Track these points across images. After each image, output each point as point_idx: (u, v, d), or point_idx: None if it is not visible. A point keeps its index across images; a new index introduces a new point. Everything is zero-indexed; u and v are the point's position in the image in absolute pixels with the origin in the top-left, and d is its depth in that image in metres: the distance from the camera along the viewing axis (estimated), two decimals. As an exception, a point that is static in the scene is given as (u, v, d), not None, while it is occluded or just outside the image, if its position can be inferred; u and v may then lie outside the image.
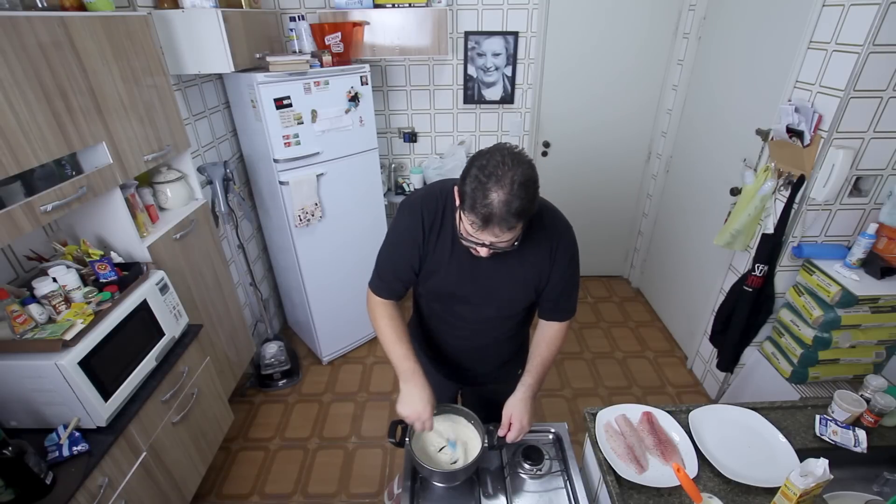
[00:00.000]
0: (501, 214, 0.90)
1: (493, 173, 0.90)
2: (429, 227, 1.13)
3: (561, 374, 2.71)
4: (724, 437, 1.23)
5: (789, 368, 1.95)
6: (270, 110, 2.03)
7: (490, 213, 0.90)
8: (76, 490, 1.21)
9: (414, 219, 1.13)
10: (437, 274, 1.17)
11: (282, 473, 2.15)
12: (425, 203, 1.14)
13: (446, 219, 1.12)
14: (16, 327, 1.24)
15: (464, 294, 1.19)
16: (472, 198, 0.91)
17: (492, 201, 0.89)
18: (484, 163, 0.92)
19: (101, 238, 1.63)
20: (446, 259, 1.14)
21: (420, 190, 1.21)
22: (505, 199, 0.89)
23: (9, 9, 1.20)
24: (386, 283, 1.23)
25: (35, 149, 1.18)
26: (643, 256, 3.40)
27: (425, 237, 1.13)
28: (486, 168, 0.91)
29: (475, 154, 0.96)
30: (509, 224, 0.92)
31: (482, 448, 1.16)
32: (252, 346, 2.50)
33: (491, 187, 0.89)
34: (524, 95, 2.87)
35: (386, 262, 1.22)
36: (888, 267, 1.76)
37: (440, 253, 1.14)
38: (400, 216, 1.17)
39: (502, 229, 0.93)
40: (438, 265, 1.15)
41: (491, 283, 1.16)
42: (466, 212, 0.95)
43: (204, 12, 1.81)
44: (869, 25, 1.53)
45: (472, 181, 0.92)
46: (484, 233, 0.95)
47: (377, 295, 1.25)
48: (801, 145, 1.77)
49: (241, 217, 2.39)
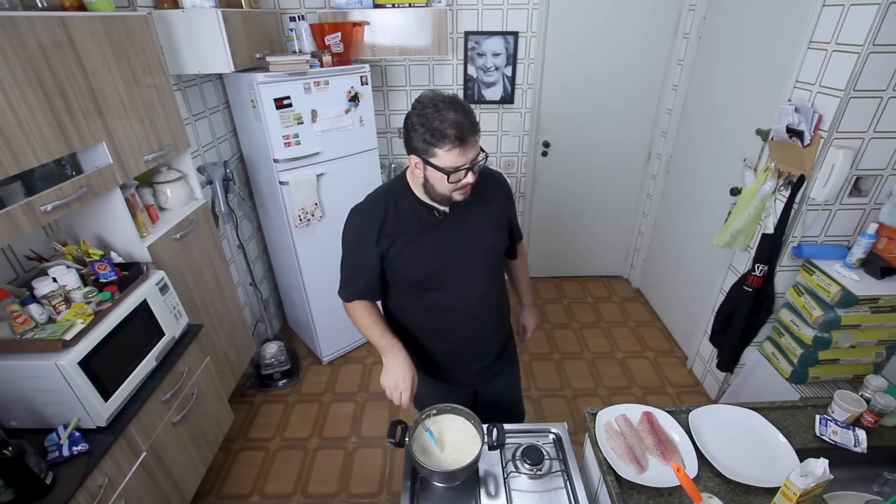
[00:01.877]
0: (468, 124, 1.03)
1: (434, 104, 1.02)
2: (380, 223, 1.19)
3: (561, 374, 2.71)
4: (724, 437, 1.23)
5: (789, 368, 1.95)
6: (270, 110, 2.03)
7: (460, 126, 1.01)
8: (76, 490, 1.21)
9: (363, 221, 1.22)
10: (411, 259, 1.21)
11: (282, 473, 2.15)
12: (372, 205, 1.23)
13: (399, 207, 1.20)
14: (16, 327, 1.25)
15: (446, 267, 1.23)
16: (437, 128, 1.01)
17: (454, 119, 1.01)
18: (421, 107, 1.04)
19: (101, 238, 1.63)
20: (417, 241, 1.20)
21: (365, 198, 1.27)
22: (462, 112, 1.02)
23: (9, 9, 1.20)
24: (351, 289, 1.31)
25: (35, 149, 1.18)
26: (643, 256, 3.40)
27: (380, 233, 1.19)
28: (426, 105, 1.03)
29: (406, 115, 1.08)
30: (476, 131, 1.05)
31: (482, 448, 1.16)
32: (252, 346, 2.50)
33: (444, 110, 1.01)
34: (524, 95, 2.88)
35: (346, 268, 1.30)
36: (888, 267, 1.76)
37: (405, 240, 1.20)
38: (349, 223, 1.25)
39: (475, 139, 1.05)
40: (408, 250, 1.20)
41: (468, 242, 1.24)
42: (439, 143, 1.03)
43: (204, 12, 1.81)
44: (869, 25, 1.52)
45: (422, 119, 1.03)
46: (465, 149, 1.04)
47: (346, 301, 1.33)
48: (801, 145, 1.77)
49: (241, 217, 2.39)
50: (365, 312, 1.30)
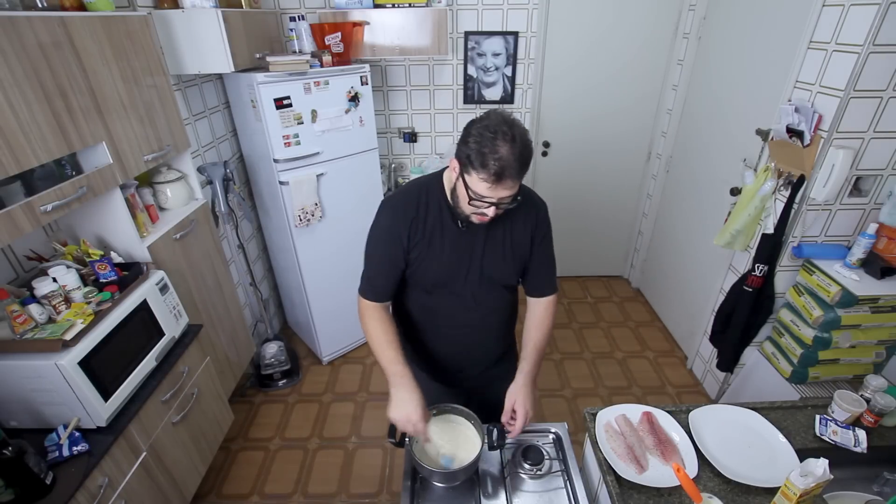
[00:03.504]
0: (512, 165, 0.97)
1: (497, 130, 0.97)
2: (411, 219, 1.17)
3: (561, 374, 2.71)
4: (724, 437, 1.23)
5: (789, 368, 1.95)
6: (270, 110, 2.03)
7: (503, 166, 0.97)
8: (76, 490, 1.21)
9: (396, 214, 1.18)
10: (427, 262, 1.20)
11: (282, 473, 2.15)
12: (405, 198, 1.19)
13: (430, 207, 1.17)
14: (16, 327, 1.25)
15: (454, 279, 1.22)
16: (482, 154, 0.97)
17: (502, 154, 0.96)
18: (486, 123, 0.98)
19: (101, 238, 1.63)
20: (437, 245, 1.18)
21: (398, 189, 1.25)
22: (514, 151, 0.97)
23: (9, 9, 1.20)
24: (373, 283, 1.25)
25: (35, 149, 1.18)
26: (643, 256, 3.40)
27: (410, 230, 1.17)
28: (490, 127, 0.97)
29: (471, 121, 1.03)
30: (520, 175, 1.00)
31: (482, 448, 1.16)
32: (252, 346, 2.50)
33: (499, 142, 0.96)
34: (524, 95, 2.87)
35: (371, 261, 1.25)
36: (888, 267, 1.76)
37: (427, 241, 1.18)
38: (380, 215, 1.21)
39: (514, 182, 1.00)
40: (427, 253, 1.19)
41: (483, 259, 1.20)
42: (476, 170, 0.99)
43: (204, 12, 1.81)
44: (869, 25, 1.52)
45: (477, 140, 0.98)
46: (497, 187, 1.00)
47: (366, 298, 1.27)
48: (801, 145, 1.77)
49: (241, 217, 2.39)
50: (380, 328, 1.23)
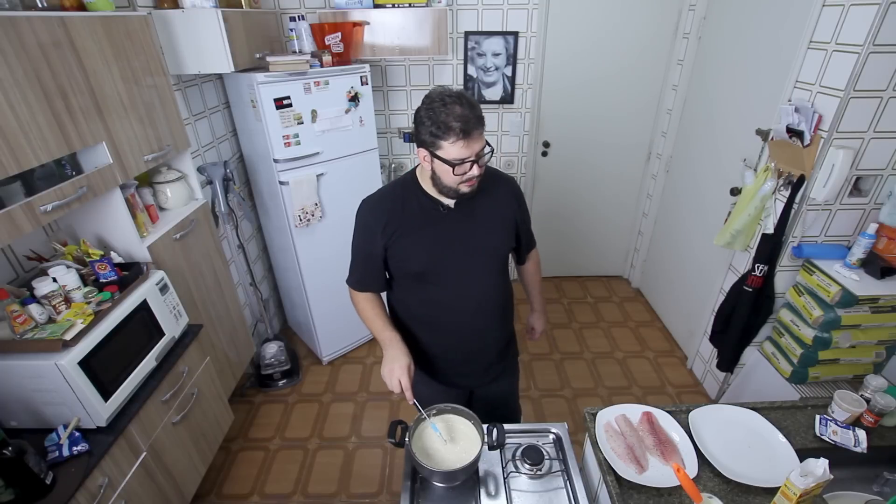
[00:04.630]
0: (473, 118, 1.06)
1: (442, 98, 1.06)
2: (387, 211, 1.24)
3: (561, 374, 2.71)
4: (724, 437, 1.23)
5: (789, 368, 1.95)
6: (270, 110, 2.03)
7: (465, 119, 1.05)
8: (76, 490, 1.21)
9: (370, 211, 1.27)
10: (410, 249, 1.24)
11: (282, 473, 2.15)
12: (381, 195, 1.29)
13: (407, 200, 1.24)
14: (16, 327, 1.25)
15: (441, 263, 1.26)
16: (443, 121, 1.05)
17: (459, 113, 1.05)
18: (430, 102, 1.08)
19: (101, 238, 1.63)
20: (418, 232, 1.23)
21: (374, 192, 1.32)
22: (468, 106, 1.06)
23: (9, 9, 1.20)
24: (356, 275, 1.35)
25: (35, 149, 1.18)
26: (643, 256, 3.40)
27: (386, 223, 1.23)
28: (435, 99, 1.07)
29: (416, 109, 1.12)
30: (481, 124, 1.09)
31: (482, 448, 1.16)
32: (252, 346, 2.50)
33: (450, 104, 1.05)
34: (524, 95, 2.87)
35: (354, 255, 1.34)
36: (888, 267, 1.76)
37: (407, 230, 1.23)
38: (358, 213, 1.30)
39: (480, 132, 1.09)
40: (409, 241, 1.24)
41: (475, 234, 1.26)
42: (444, 135, 1.07)
43: (204, 12, 1.81)
44: (869, 25, 1.52)
45: (430, 116, 1.07)
46: (470, 142, 1.08)
47: (353, 288, 1.38)
48: (801, 145, 1.77)
49: (241, 217, 2.39)
50: (369, 305, 1.35)
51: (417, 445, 1.19)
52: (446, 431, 1.21)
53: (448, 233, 1.25)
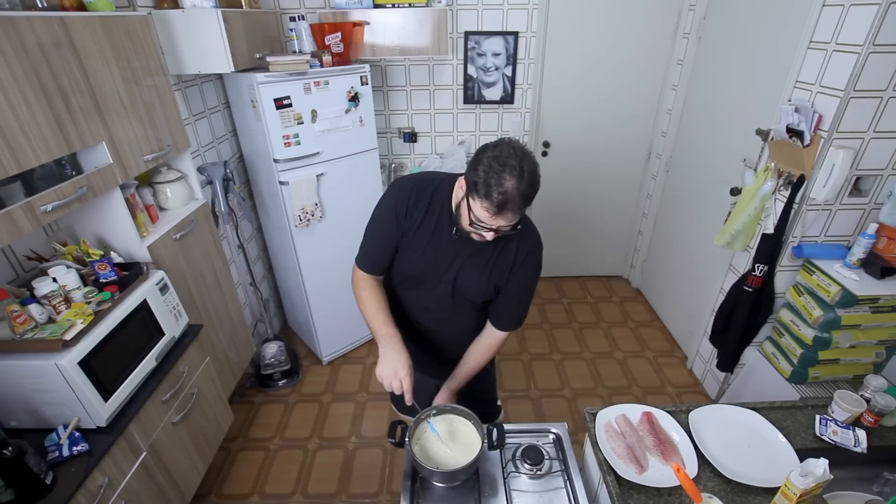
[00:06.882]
0: (515, 200, 1.00)
1: (506, 163, 0.99)
2: (413, 206, 1.21)
3: (561, 374, 2.71)
4: (724, 438, 1.23)
5: (789, 368, 1.95)
6: (270, 110, 2.03)
7: (506, 199, 0.99)
8: (76, 490, 1.21)
9: (402, 195, 1.22)
10: (407, 253, 1.24)
11: (282, 473, 2.15)
12: (418, 184, 1.23)
13: (433, 205, 1.21)
14: (16, 327, 1.24)
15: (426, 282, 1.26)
16: (487, 185, 0.99)
17: (507, 189, 0.98)
18: (496, 154, 1.00)
19: (101, 238, 1.63)
20: (423, 240, 1.22)
21: (415, 173, 1.28)
22: (519, 186, 0.99)
23: (9, 9, 1.20)
24: (370, 256, 1.31)
25: (35, 149, 1.18)
26: (643, 256, 3.40)
27: (407, 214, 1.21)
28: (500, 158, 0.99)
29: (483, 146, 1.05)
30: (524, 207, 1.02)
31: (482, 448, 1.16)
32: (252, 346, 2.50)
33: (506, 175, 0.98)
34: (524, 95, 2.87)
35: (372, 234, 1.30)
36: (888, 267, 1.76)
37: (419, 236, 1.22)
38: (389, 191, 1.25)
39: (515, 214, 1.03)
40: (410, 243, 1.22)
41: (460, 271, 1.24)
42: (480, 199, 1.02)
43: (204, 12, 1.81)
44: (869, 25, 1.53)
45: (485, 170, 1.00)
46: (498, 218, 1.03)
47: (361, 269, 1.33)
48: (801, 145, 1.77)
49: (241, 217, 2.39)
50: (373, 296, 1.30)
51: (417, 445, 1.19)
52: (446, 431, 1.21)
53: (443, 255, 1.23)
